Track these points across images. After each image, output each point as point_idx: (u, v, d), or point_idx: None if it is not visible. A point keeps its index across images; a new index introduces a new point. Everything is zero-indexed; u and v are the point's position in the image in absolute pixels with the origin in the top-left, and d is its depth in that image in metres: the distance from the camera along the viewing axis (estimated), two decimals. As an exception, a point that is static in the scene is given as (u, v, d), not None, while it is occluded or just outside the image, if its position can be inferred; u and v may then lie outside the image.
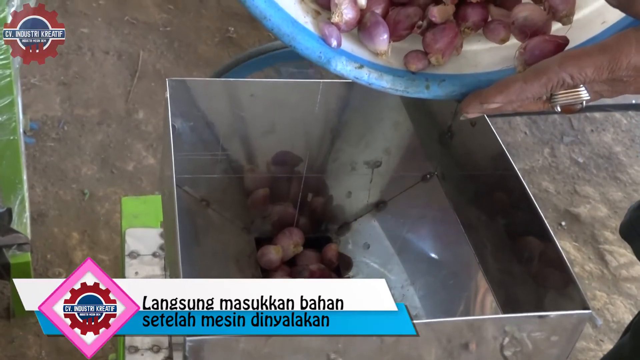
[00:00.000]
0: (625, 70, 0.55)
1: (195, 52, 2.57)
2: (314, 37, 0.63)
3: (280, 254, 0.91)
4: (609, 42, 0.56)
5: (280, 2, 0.62)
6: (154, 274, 1.00)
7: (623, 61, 0.55)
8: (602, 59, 0.55)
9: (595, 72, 0.56)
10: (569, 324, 0.65)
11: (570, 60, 0.57)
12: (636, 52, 0.55)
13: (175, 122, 0.82)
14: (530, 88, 0.58)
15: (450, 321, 0.66)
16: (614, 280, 2.11)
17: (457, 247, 0.88)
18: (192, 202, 0.89)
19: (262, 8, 0.61)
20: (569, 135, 2.55)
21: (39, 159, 2.12)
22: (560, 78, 0.57)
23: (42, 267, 1.85)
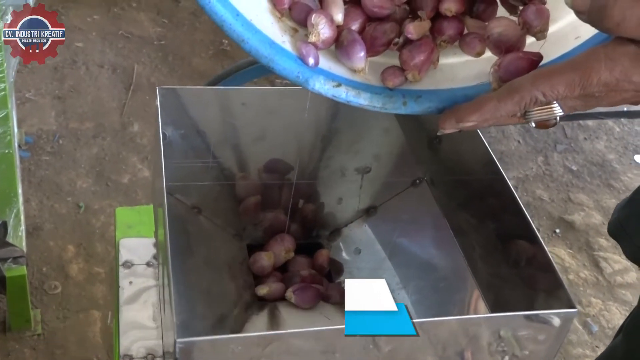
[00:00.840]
0: (596, 87, 0.56)
1: (189, 65, 2.59)
2: (292, 57, 0.63)
3: (272, 260, 0.92)
4: (579, 59, 0.57)
5: (258, 23, 0.63)
6: (147, 283, 1.01)
7: (593, 78, 0.56)
8: (573, 77, 0.56)
9: (566, 89, 0.57)
10: (555, 322, 0.66)
11: (542, 78, 0.58)
12: (605, 69, 0.55)
13: (166, 130, 0.83)
14: (504, 107, 0.59)
15: (438, 321, 0.67)
16: (609, 286, 2.11)
17: (447, 251, 0.89)
18: (184, 210, 0.90)
19: (239, 31, 0.61)
20: (562, 143, 2.57)
21: (34, 173, 2.13)
22: (533, 96, 0.58)
23: (37, 280, 1.85)
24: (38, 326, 1.74)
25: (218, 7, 0.61)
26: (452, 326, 0.67)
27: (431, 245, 0.90)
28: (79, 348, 1.72)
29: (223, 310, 0.82)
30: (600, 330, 1.99)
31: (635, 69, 0.55)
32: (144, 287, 1.00)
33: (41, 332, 1.74)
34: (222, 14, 0.61)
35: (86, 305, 1.82)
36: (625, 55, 0.55)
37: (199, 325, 0.80)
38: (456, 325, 0.67)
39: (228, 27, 0.61)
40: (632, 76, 0.55)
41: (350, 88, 0.64)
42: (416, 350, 0.67)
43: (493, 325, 0.68)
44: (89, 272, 1.90)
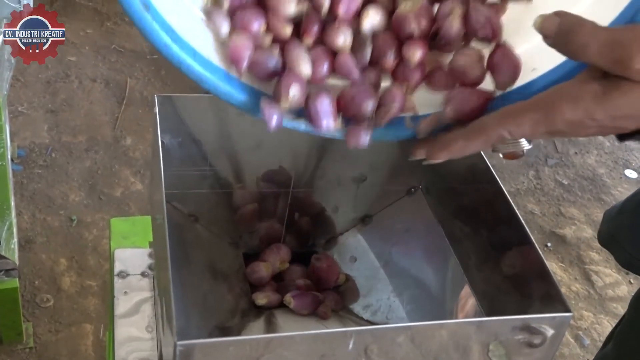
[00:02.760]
0: (560, 125, 0.57)
1: (182, 79, 2.57)
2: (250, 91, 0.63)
3: (269, 270, 0.92)
4: (543, 98, 0.58)
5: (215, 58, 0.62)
6: (142, 293, 1.01)
7: (557, 117, 0.57)
8: (538, 116, 0.57)
9: (532, 127, 0.58)
10: (551, 327, 0.67)
11: (508, 117, 0.59)
12: (569, 108, 0.56)
13: (164, 138, 0.83)
14: (472, 145, 0.61)
15: (433, 324, 0.67)
16: (600, 300, 2.12)
17: (443, 260, 0.89)
18: (181, 218, 0.90)
19: (198, 72, 0.61)
20: (553, 158, 2.58)
21: (27, 186, 2.13)
22: (499, 135, 0.59)
23: (29, 294, 1.85)
24: (30, 339, 1.73)
25: (174, 49, 0.60)
26: (447, 331, 0.67)
27: (426, 253, 0.90)
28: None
29: (220, 317, 0.82)
30: (592, 343, 2.00)
31: (598, 107, 0.56)
32: (139, 297, 1.00)
33: (33, 346, 1.73)
34: (179, 56, 0.60)
35: (78, 318, 1.81)
36: (589, 94, 0.56)
37: (196, 331, 0.80)
38: (451, 329, 0.68)
39: (186, 68, 0.61)
40: (595, 114, 0.56)
41: None
42: (410, 356, 0.67)
43: (488, 330, 0.68)
44: (81, 285, 1.90)
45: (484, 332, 0.68)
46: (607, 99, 0.55)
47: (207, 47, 0.63)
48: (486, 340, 0.68)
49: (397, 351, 0.66)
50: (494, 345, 0.68)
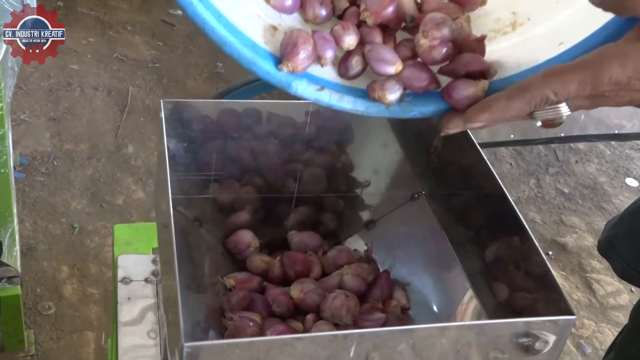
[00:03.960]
0: (608, 85, 0.56)
1: (184, 87, 2.60)
2: (274, 60, 0.62)
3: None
4: (590, 58, 0.57)
5: (240, 23, 0.61)
6: (146, 299, 1.01)
7: (605, 76, 0.55)
8: (584, 75, 0.56)
9: (578, 88, 0.56)
10: (554, 330, 0.67)
11: (553, 77, 0.57)
12: (618, 66, 0.55)
13: (170, 143, 0.84)
14: (514, 106, 0.58)
15: (436, 327, 0.68)
16: (602, 308, 2.12)
17: (446, 265, 0.90)
18: (186, 222, 0.90)
19: (221, 34, 0.60)
20: (554, 166, 2.59)
21: (29, 194, 2.13)
22: (544, 95, 0.57)
23: (31, 301, 1.85)
24: (31, 347, 1.73)
25: (200, 8, 0.60)
26: (449, 334, 0.67)
27: (430, 259, 0.90)
28: (73, 369, 1.72)
29: (223, 322, 0.83)
30: (593, 352, 2.00)
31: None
32: (142, 304, 1.00)
33: (35, 353, 1.73)
34: (204, 16, 0.60)
35: (80, 326, 1.81)
36: (638, 52, 0.55)
37: (202, 334, 0.80)
38: (453, 332, 0.68)
39: (210, 29, 0.60)
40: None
41: (333, 92, 0.64)
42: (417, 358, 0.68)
43: (490, 334, 0.68)
44: (83, 292, 1.90)
45: (486, 335, 0.68)
46: None
47: (232, 12, 0.62)
48: (488, 344, 0.68)
49: (398, 355, 0.66)
50: (495, 351, 0.68)
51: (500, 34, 0.68)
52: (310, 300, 0.82)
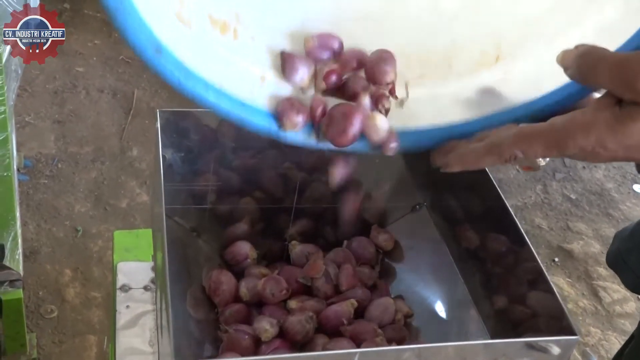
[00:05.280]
0: (573, 150, 0.58)
1: (189, 91, 2.59)
2: (263, 113, 0.67)
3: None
4: (558, 123, 0.59)
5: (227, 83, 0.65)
6: (145, 307, 1.00)
7: (569, 143, 0.58)
8: (550, 140, 0.59)
9: (545, 150, 0.60)
10: (556, 350, 0.65)
11: (522, 138, 0.60)
12: (582, 136, 0.57)
13: (166, 153, 0.83)
14: (486, 159, 0.63)
15: (436, 347, 0.66)
16: (608, 316, 2.10)
17: (447, 277, 0.88)
18: (182, 233, 0.89)
19: (211, 101, 0.65)
20: (561, 172, 2.57)
21: (32, 196, 2.13)
22: (512, 154, 0.61)
23: (34, 304, 1.84)
24: (33, 350, 1.72)
25: (188, 84, 0.63)
26: (453, 351, 0.66)
27: (431, 271, 0.89)
28: (75, 373, 1.71)
29: (219, 337, 0.82)
30: (599, 359, 1.98)
31: (609, 135, 0.56)
32: (141, 311, 1.00)
33: (37, 357, 1.72)
34: (192, 89, 0.64)
35: (82, 329, 1.81)
36: (602, 122, 0.57)
37: (196, 349, 0.79)
38: (454, 352, 0.67)
39: (199, 99, 0.64)
40: (607, 143, 0.57)
41: None
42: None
43: (493, 352, 0.67)
44: (86, 296, 1.89)
45: (489, 353, 0.67)
46: (619, 128, 0.56)
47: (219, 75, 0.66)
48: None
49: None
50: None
51: (484, 67, 0.71)
52: None
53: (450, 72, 0.71)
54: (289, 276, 0.85)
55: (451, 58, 0.71)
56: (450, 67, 0.71)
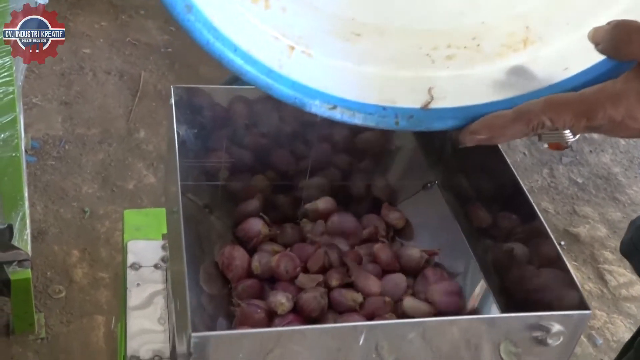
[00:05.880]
0: (601, 120, 0.59)
1: (196, 73, 2.59)
2: (288, 82, 0.68)
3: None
4: (588, 93, 0.60)
5: (255, 49, 0.66)
6: (155, 285, 1.00)
7: (599, 112, 0.58)
8: (580, 109, 0.59)
9: (573, 119, 0.60)
10: (569, 324, 0.66)
11: (552, 106, 0.60)
12: (611, 107, 0.58)
13: (180, 129, 0.83)
14: (514, 126, 0.63)
15: (445, 320, 0.67)
16: (614, 299, 2.11)
17: (459, 255, 0.88)
18: (195, 210, 0.90)
19: (238, 65, 0.66)
20: (568, 156, 2.57)
21: (40, 178, 2.13)
22: (541, 121, 0.61)
23: (42, 284, 1.85)
24: (42, 330, 1.74)
25: (217, 45, 0.64)
26: (459, 327, 0.66)
27: (442, 249, 0.89)
28: (83, 352, 1.72)
29: (232, 312, 0.82)
30: (604, 343, 1.99)
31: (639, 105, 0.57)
32: (151, 290, 1.00)
33: (45, 336, 1.73)
34: (220, 51, 0.65)
35: (90, 310, 1.82)
36: (632, 92, 0.57)
37: (210, 323, 0.79)
38: (463, 326, 0.67)
39: (227, 62, 0.65)
40: (636, 114, 0.57)
41: (345, 109, 0.69)
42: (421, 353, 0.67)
43: (502, 327, 0.67)
44: (94, 277, 1.90)
45: (498, 329, 0.67)
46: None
47: (248, 41, 0.66)
48: (501, 337, 0.67)
49: (408, 347, 0.66)
50: (506, 344, 0.67)
51: (512, 50, 0.70)
52: None
53: (477, 54, 0.71)
54: (300, 253, 0.86)
55: (479, 40, 0.71)
56: (478, 49, 0.71)
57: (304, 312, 0.78)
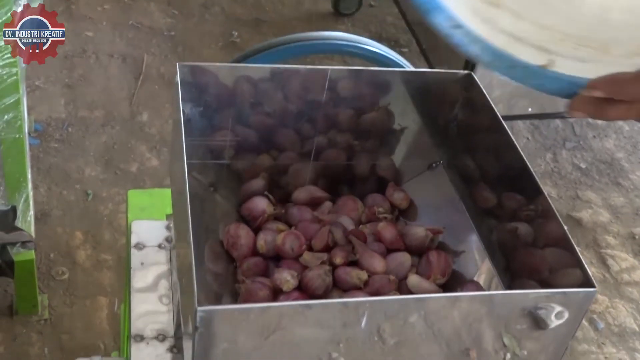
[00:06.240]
0: None
1: (199, 56, 2.59)
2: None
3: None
4: None
5: None
6: (159, 265, 1.01)
7: None
8: None
9: None
10: (574, 303, 0.65)
11: None
12: None
13: (185, 108, 0.83)
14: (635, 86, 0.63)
15: (452, 297, 0.67)
16: (616, 284, 2.11)
17: (464, 235, 0.88)
18: (200, 188, 0.89)
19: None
20: (571, 141, 2.56)
21: (43, 160, 2.13)
22: None
23: (45, 266, 1.85)
24: (45, 311, 1.74)
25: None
26: (463, 304, 0.66)
27: (447, 228, 0.89)
28: (86, 333, 1.73)
29: (237, 290, 0.82)
30: (606, 327, 1.99)
31: None
32: (155, 270, 1.00)
33: (48, 317, 1.74)
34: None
35: (93, 291, 1.82)
36: None
37: (214, 301, 0.79)
38: (468, 303, 0.67)
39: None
40: None
41: (467, 34, 0.68)
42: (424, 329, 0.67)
43: (509, 304, 0.67)
44: (97, 259, 1.90)
45: (503, 306, 0.67)
46: None
47: None
48: (505, 315, 0.67)
49: (409, 325, 0.66)
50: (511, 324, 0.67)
51: None
52: None
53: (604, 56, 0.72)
54: (305, 231, 0.86)
55: (609, 48, 0.72)
56: (606, 53, 0.72)
57: (309, 290, 0.78)
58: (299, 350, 0.64)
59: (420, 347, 0.66)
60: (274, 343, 0.62)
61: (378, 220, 0.89)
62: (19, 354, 1.66)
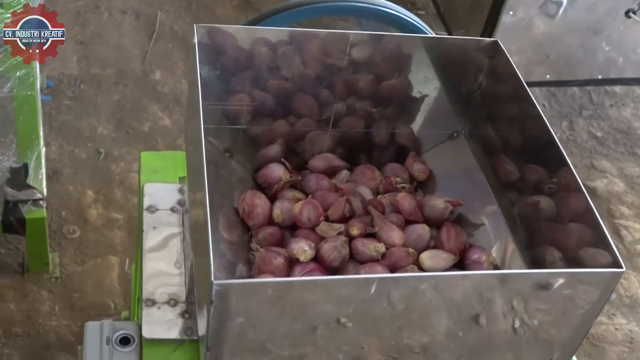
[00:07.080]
0: None
1: (213, 14, 2.55)
2: None
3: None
4: None
5: None
6: (171, 229, 0.99)
7: None
8: None
9: None
10: (600, 282, 0.64)
11: None
12: None
13: (202, 70, 0.80)
14: None
15: (473, 274, 0.65)
16: (629, 255, 2.09)
17: (483, 206, 0.87)
18: (216, 153, 0.88)
19: None
20: (588, 109, 2.53)
21: (55, 117, 2.11)
22: None
23: (56, 224, 1.85)
24: (56, 269, 1.74)
25: None
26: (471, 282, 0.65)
27: (467, 199, 0.87)
28: (96, 292, 1.73)
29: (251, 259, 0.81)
30: (617, 298, 1.98)
31: None
32: (167, 233, 0.99)
33: (59, 275, 1.74)
34: None
35: (104, 250, 1.82)
36: None
37: (230, 270, 0.78)
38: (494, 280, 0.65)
39: None
40: None
41: None
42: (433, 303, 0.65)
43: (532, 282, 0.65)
44: (108, 218, 1.89)
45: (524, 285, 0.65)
46: None
47: None
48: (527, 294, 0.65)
49: (419, 299, 0.64)
50: (542, 297, 0.65)
51: None
52: None
53: None
54: (323, 201, 0.84)
55: None
56: None
57: (325, 262, 0.77)
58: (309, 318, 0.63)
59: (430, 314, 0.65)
60: (288, 314, 0.61)
61: (396, 190, 0.87)
62: (29, 311, 1.66)
